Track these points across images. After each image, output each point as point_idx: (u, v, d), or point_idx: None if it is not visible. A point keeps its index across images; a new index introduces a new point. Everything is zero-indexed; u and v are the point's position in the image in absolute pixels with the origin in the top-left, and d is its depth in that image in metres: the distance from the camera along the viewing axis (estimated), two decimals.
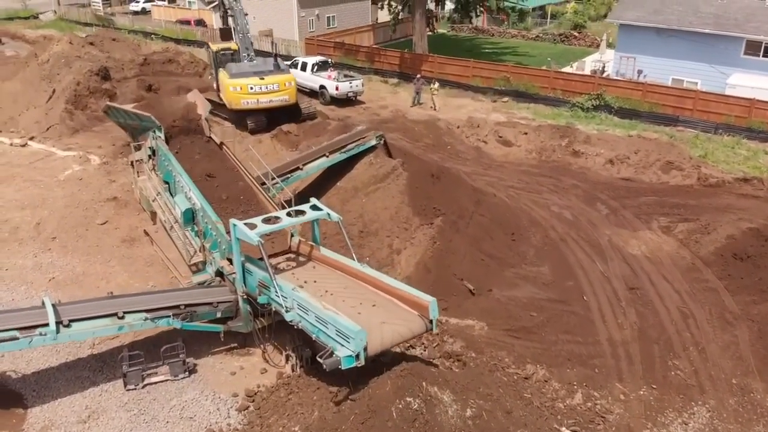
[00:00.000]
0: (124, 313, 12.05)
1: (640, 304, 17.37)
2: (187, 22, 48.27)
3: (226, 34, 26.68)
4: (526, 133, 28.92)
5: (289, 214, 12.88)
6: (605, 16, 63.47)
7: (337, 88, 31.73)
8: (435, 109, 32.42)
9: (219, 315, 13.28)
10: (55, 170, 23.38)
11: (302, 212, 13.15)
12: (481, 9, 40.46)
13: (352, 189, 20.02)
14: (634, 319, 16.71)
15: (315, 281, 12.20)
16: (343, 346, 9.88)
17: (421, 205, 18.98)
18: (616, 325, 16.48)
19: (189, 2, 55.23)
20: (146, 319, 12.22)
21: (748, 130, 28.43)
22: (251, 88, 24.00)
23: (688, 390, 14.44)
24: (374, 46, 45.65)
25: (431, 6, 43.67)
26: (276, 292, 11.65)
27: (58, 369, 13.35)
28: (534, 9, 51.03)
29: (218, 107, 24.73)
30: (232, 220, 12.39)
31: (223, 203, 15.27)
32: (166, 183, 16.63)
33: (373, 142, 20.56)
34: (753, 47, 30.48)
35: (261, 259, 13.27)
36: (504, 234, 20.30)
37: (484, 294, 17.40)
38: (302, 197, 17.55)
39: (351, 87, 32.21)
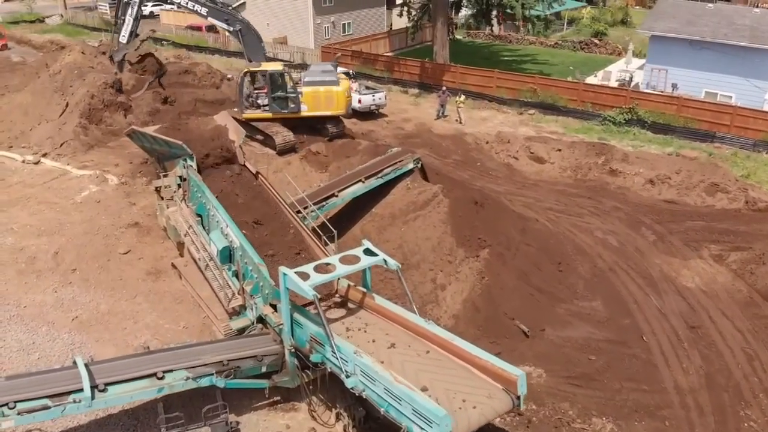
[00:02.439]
0: (164, 372, 10.89)
1: (702, 344, 16.28)
2: (198, 29, 47.07)
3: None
4: (559, 150, 27.76)
5: (343, 261, 11.70)
6: (623, 22, 62.53)
7: (359, 101, 30.54)
8: (461, 123, 31.28)
9: (264, 369, 12.11)
10: (71, 191, 22.17)
11: (355, 258, 11.98)
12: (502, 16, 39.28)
13: (389, 216, 18.88)
14: (699, 362, 15.63)
15: (373, 339, 11.00)
16: (422, 429, 8.69)
17: (465, 235, 17.83)
18: (681, 370, 15.39)
19: None
20: (188, 378, 11.07)
21: None
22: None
23: None
24: (391, 54, 44.51)
25: (450, 13, 42.49)
26: (333, 352, 10.48)
27: (88, 428, 12.19)
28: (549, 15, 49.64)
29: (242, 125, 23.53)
30: (282, 269, 11.23)
31: (264, 240, 14.12)
32: (199, 216, 15.47)
33: (410, 166, 19.44)
34: None
35: (306, 305, 12.21)
36: (551, 264, 19.18)
37: (537, 335, 16.29)
38: (335, 223, 16.47)
39: (374, 100, 31.05)
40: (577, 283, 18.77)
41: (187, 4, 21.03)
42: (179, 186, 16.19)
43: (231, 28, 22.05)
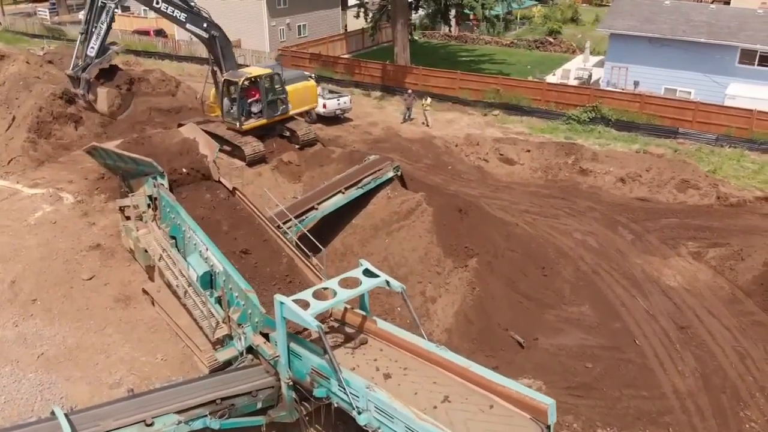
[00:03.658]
0: (153, 418, 9.90)
1: (694, 345, 16.25)
2: (146, 33, 45.11)
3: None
4: (528, 151, 27.65)
5: (342, 284, 10.93)
6: (573, 19, 63.52)
7: (324, 106, 29.68)
8: (428, 126, 30.82)
9: (259, 405, 11.23)
10: (23, 212, 20.50)
11: (355, 280, 11.24)
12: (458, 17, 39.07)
13: (371, 228, 18.17)
14: (693, 364, 15.57)
15: (380, 368, 10.27)
16: None
17: (451, 244, 17.30)
18: (677, 373, 15.28)
19: (145, 10, 51.67)
20: (180, 422, 10.10)
21: (749, 141, 27.94)
22: None
23: None
24: (349, 56, 43.74)
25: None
26: (341, 386, 9.71)
27: None
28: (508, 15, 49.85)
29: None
30: (279, 297, 10.38)
31: (254, 270, 13.14)
32: (173, 238, 14.38)
33: (390, 174, 18.80)
34: (748, 56, 30.09)
35: (299, 332, 11.38)
36: (535, 269, 18.90)
37: (531, 344, 15.91)
38: (314, 236, 15.67)
39: (339, 104, 30.25)
40: (563, 287, 18.54)
41: (167, 9, 19.11)
42: (149, 206, 15.04)
43: (207, 35, 20.69)
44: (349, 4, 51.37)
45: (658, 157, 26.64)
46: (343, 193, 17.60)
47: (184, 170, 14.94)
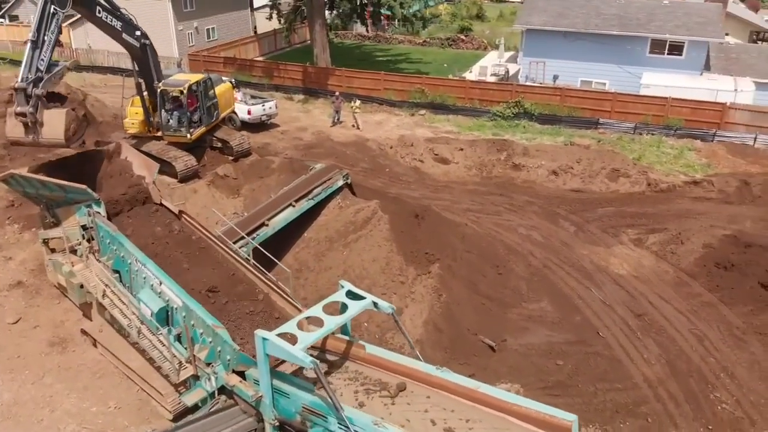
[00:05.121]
0: None
1: (654, 332, 16.65)
2: None
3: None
4: (461, 149, 27.67)
5: (327, 310, 10.05)
6: (478, 16, 64.96)
7: (249, 113, 28.24)
8: (358, 128, 30.12)
9: None
10: None
11: (338, 304, 10.39)
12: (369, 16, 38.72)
13: (326, 240, 17.28)
14: (657, 351, 15.93)
15: (383, 401, 9.50)
16: None
17: (411, 251, 16.78)
18: (643, 362, 15.56)
19: None
20: None
21: (665, 127, 29.36)
22: None
23: (740, 423, 13.92)
24: (264, 59, 42.21)
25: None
26: (343, 425, 8.85)
27: None
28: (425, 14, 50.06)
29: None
30: (261, 333, 9.34)
31: (225, 309, 11.88)
32: (116, 272, 12.86)
33: (340, 183, 17.99)
34: (658, 46, 31.70)
35: (277, 365, 10.38)
36: (490, 268, 18.75)
37: (501, 347, 15.66)
38: (263, 256, 14.61)
39: (264, 110, 28.88)
40: (520, 284, 18.50)
41: (107, 19, 16.96)
42: (84, 237, 13.37)
43: (139, 44, 18.84)
44: (254, 6, 49.75)
45: (585, 149, 27.41)
46: (294, 206, 16.63)
47: (124, 195, 13.34)
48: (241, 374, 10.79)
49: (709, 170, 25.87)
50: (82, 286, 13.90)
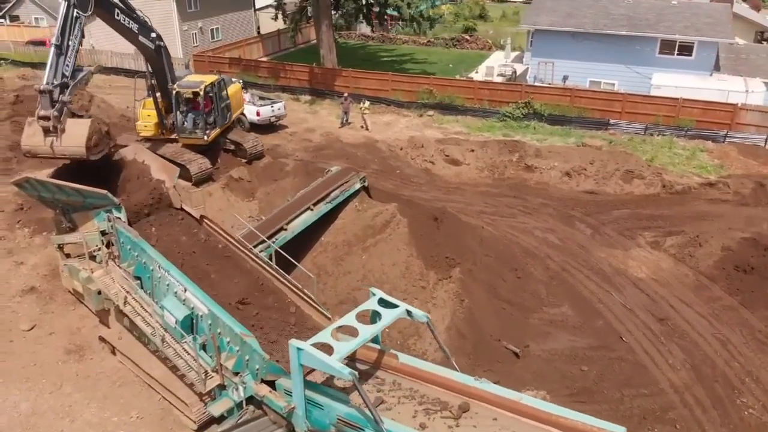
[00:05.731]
0: None
1: (677, 336, 16.43)
2: (42, 43, 40.92)
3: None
4: (472, 150, 27.45)
5: (360, 319, 9.81)
6: (481, 16, 64.75)
7: (258, 114, 27.97)
8: (367, 129, 29.89)
9: None
10: None
11: (371, 312, 10.16)
12: (385, 17, 38.52)
13: (344, 244, 17.03)
14: (681, 356, 15.71)
15: (417, 411, 9.26)
16: None
17: (431, 255, 16.54)
18: (668, 367, 15.35)
19: (36, 19, 46.97)
20: None
21: (677, 128, 29.19)
22: None
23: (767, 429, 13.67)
24: (268, 59, 41.95)
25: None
26: None
27: None
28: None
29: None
30: (295, 343, 9.11)
31: (246, 312, 11.59)
32: (137, 279, 12.60)
33: (358, 186, 17.74)
34: (667, 46, 31.54)
35: (309, 373, 10.12)
36: (509, 272, 18.52)
37: (525, 353, 15.43)
38: (279, 260, 14.35)
39: (273, 111, 28.63)
40: (539, 288, 18.28)
41: (125, 21, 16.68)
42: (104, 243, 13.10)
43: (154, 46, 18.58)
44: (257, 6, 49.47)
45: (597, 150, 27.23)
46: (312, 209, 16.36)
47: (144, 200, 13.07)
48: (271, 384, 10.56)
49: (722, 171, 25.71)
50: (99, 293, 13.64)
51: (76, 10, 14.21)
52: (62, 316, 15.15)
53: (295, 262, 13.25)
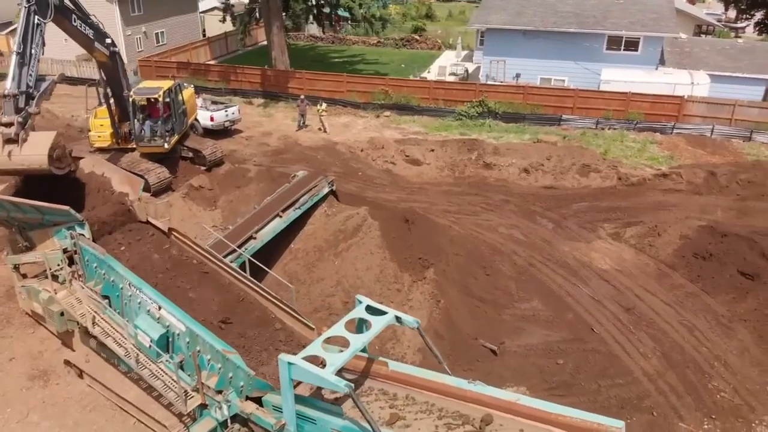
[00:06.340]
0: None
1: (645, 325, 16.86)
2: None
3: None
4: (432, 150, 27.56)
5: (349, 328, 9.58)
6: (428, 16, 65.16)
7: (212, 119, 27.24)
8: (326, 132, 29.56)
9: None
10: None
11: (359, 320, 9.95)
12: (335, 18, 38.20)
13: (315, 250, 16.73)
14: (651, 344, 16.13)
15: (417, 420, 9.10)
16: None
17: (405, 257, 16.45)
18: (640, 356, 15.72)
19: None
20: None
21: (626, 122, 30.05)
22: None
23: (740, 411, 14.20)
24: (215, 63, 41.01)
25: None
26: None
27: None
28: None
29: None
30: (285, 357, 8.79)
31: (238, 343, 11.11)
32: (105, 298, 11.98)
33: (326, 190, 17.47)
34: (614, 42, 32.42)
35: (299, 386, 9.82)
36: (479, 269, 18.61)
37: (500, 349, 15.51)
38: (251, 268, 14.01)
39: (227, 116, 27.93)
40: (509, 284, 18.45)
41: (81, 27, 15.75)
42: (65, 261, 12.39)
43: (109, 52, 17.71)
44: (201, 9, 48.29)
45: (553, 145, 27.73)
46: (281, 216, 15.99)
47: (107, 214, 12.43)
48: (256, 400, 10.22)
49: (672, 162, 26.62)
50: (62, 314, 12.93)
51: (36, 17, 13.42)
52: (21, 340, 14.31)
53: (271, 272, 12.93)
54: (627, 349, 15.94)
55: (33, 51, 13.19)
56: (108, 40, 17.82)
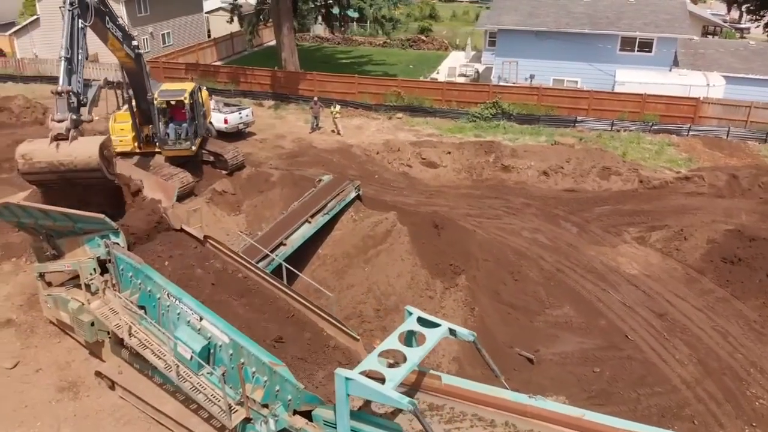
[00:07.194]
0: None
1: (679, 331, 16.62)
2: None
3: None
4: (449, 152, 27.28)
5: (402, 341, 9.28)
6: (431, 16, 64.87)
7: (226, 121, 26.88)
8: (339, 134, 29.24)
9: None
10: None
11: (412, 333, 9.65)
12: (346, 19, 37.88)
13: (344, 256, 16.42)
14: (687, 350, 15.89)
15: None
16: None
17: (436, 264, 16.14)
18: (677, 363, 15.48)
19: None
20: None
21: (642, 123, 29.83)
22: None
23: None
24: (222, 64, 40.63)
25: None
26: None
27: None
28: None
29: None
30: (342, 372, 8.49)
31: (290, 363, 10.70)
32: (141, 308, 11.65)
33: (353, 195, 17.16)
34: (628, 43, 32.23)
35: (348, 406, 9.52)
36: (508, 275, 18.33)
37: (537, 358, 15.23)
38: (278, 275, 13.64)
39: (241, 118, 27.59)
40: (538, 290, 18.18)
41: (113, 30, 15.48)
42: (97, 270, 12.03)
43: (134, 54, 17.38)
44: (206, 9, 47.90)
45: (571, 148, 27.48)
46: (310, 221, 15.67)
47: (141, 222, 12.08)
48: (305, 414, 9.90)
49: (691, 164, 26.41)
50: (93, 324, 12.59)
51: (80, 21, 13.12)
52: (47, 350, 13.95)
53: (310, 280, 12.56)
54: (663, 356, 15.69)
55: (79, 56, 12.89)
56: (134, 42, 17.49)
